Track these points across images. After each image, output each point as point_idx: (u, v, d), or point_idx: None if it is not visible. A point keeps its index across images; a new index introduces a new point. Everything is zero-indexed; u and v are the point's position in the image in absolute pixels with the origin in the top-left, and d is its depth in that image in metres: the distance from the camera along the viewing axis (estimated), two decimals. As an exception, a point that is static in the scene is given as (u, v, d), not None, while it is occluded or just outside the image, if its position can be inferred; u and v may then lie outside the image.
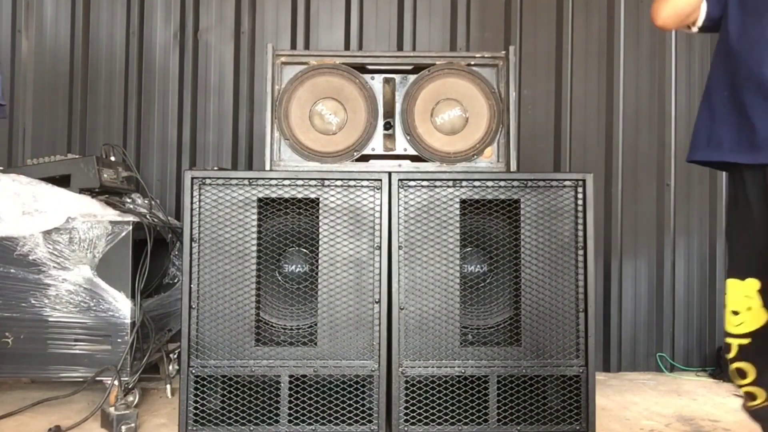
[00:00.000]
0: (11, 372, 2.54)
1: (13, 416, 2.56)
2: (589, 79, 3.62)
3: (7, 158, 3.54)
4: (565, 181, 2.39)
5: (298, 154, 2.58)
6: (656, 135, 3.62)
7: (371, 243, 2.35)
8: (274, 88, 2.60)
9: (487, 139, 2.62)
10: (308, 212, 2.43)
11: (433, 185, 2.37)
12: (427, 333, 2.34)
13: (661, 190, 3.61)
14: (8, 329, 2.51)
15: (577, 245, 2.37)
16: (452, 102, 2.61)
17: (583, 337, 2.35)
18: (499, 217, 2.46)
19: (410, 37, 3.61)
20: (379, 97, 2.62)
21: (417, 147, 2.61)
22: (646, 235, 3.59)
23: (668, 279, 3.59)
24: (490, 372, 2.33)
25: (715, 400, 3.02)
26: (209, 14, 3.61)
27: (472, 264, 2.52)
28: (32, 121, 3.55)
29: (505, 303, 2.48)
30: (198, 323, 2.31)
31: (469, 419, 2.33)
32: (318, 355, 2.32)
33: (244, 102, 3.59)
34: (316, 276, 2.38)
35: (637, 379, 3.42)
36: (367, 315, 2.33)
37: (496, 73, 2.66)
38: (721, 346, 3.54)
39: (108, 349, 2.50)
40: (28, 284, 2.52)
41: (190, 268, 2.31)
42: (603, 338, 3.55)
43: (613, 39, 3.63)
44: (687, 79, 3.65)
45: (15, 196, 2.55)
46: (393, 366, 2.31)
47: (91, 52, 3.57)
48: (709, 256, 3.61)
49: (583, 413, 2.33)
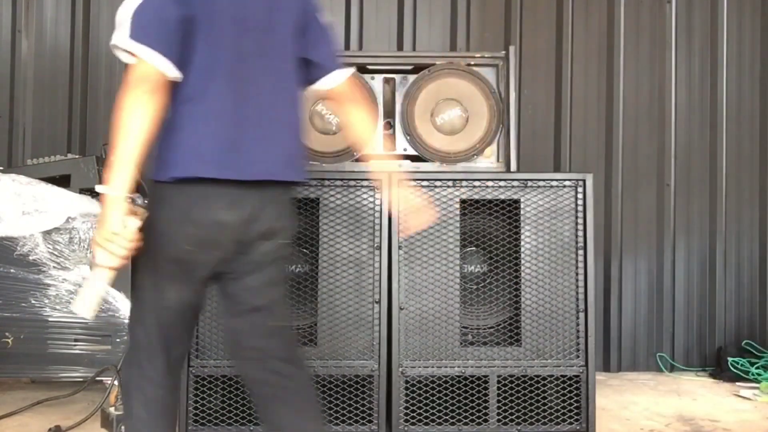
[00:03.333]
0: (11, 372, 2.54)
1: (13, 416, 2.55)
2: (589, 79, 3.62)
3: (7, 158, 3.54)
4: (565, 181, 2.39)
5: (298, 154, 2.58)
6: (656, 135, 3.62)
7: (371, 243, 2.35)
8: (274, 88, 2.59)
9: (487, 139, 2.62)
10: (308, 212, 2.43)
11: (433, 185, 2.37)
12: (427, 333, 2.34)
13: (661, 190, 3.61)
14: (8, 329, 2.51)
15: (577, 245, 2.37)
16: (452, 102, 2.61)
17: (583, 337, 2.35)
18: (499, 217, 2.46)
19: (410, 37, 3.60)
20: (379, 97, 2.62)
21: (417, 147, 2.61)
22: (646, 235, 3.59)
23: (668, 279, 3.59)
24: (490, 372, 2.33)
25: (715, 400, 3.02)
26: (209, 14, 3.60)
27: (472, 264, 2.52)
28: (32, 121, 3.54)
29: (505, 303, 2.48)
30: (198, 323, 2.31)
31: (469, 419, 2.33)
32: (318, 355, 2.32)
33: (244, 102, 3.59)
34: (316, 276, 2.37)
35: (637, 379, 3.42)
36: (367, 315, 2.33)
37: (496, 73, 2.66)
38: (721, 346, 3.55)
39: (108, 349, 2.50)
40: (28, 284, 2.52)
41: (190, 268, 2.30)
42: (603, 338, 3.55)
43: (613, 39, 3.63)
44: (687, 79, 3.65)
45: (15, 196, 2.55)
46: (393, 366, 2.31)
47: (91, 52, 3.56)
48: (709, 256, 3.61)
49: (583, 413, 2.33)
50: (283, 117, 1.57)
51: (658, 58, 3.64)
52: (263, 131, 1.53)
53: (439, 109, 2.61)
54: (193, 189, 1.47)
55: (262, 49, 1.53)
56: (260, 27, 1.53)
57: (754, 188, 3.64)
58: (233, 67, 1.49)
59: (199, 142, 1.47)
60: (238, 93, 1.50)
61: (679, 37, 3.66)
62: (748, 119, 3.65)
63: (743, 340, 3.55)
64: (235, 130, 1.49)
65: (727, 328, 3.59)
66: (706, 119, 3.64)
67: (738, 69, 3.66)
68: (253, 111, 1.52)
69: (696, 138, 3.64)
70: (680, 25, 3.66)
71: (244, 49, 1.50)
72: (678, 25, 3.66)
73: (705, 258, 3.61)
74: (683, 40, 3.66)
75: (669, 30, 3.65)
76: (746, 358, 3.38)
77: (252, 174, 1.49)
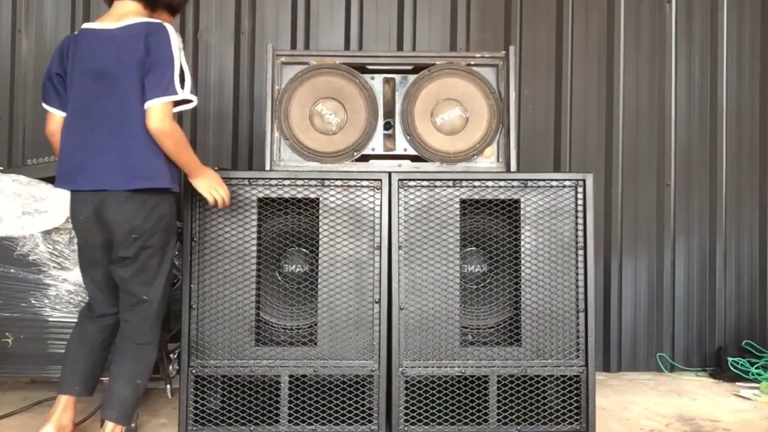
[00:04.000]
0: (11, 372, 2.54)
1: (13, 416, 2.56)
2: (589, 79, 3.62)
3: (7, 158, 3.54)
4: (565, 181, 2.39)
5: (298, 154, 2.58)
6: (656, 135, 3.62)
7: (371, 243, 2.35)
8: (274, 88, 2.60)
9: (487, 139, 2.62)
10: (308, 212, 2.43)
11: (433, 185, 2.37)
12: (427, 333, 2.34)
13: (661, 190, 3.61)
14: (8, 329, 2.51)
15: (577, 245, 2.37)
16: (452, 102, 2.61)
17: (583, 337, 2.35)
18: (499, 217, 2.46)
19: (410, 37, 3.61)
20: (379, 97, 2.62)
21: (417, 147, 2.61)
22: (646, 235, 3.59)
23: (668, 279, 3.59)
24: (490, 372, 2.33)
25: (715, 400, 3.02)
26: (209, 14, 3.60)
27: (472, 264, 2.52)
28: (32, 121, 3.54)
29: (505, 303, 2.48)
30: (198, 323, 2.31)
31: (469, 419, 2.33)
32: (318, 355, 2.32)
33: (244, 102, 3.59)
34: (316, 276, 2.38)
35: (637, 379, 3.42)
36: (367, 315, 2.33)
37: (496, 73, 2.66)
38: (721, 346, 3.55)
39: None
40: (28, 284, 2.52)
41: (190, 268, 2.31)
42: (603, 338, 3.55)
43: (613, 39, 3.63)
44: (687, 79, 3.65)
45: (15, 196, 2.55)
46: (393, 366, 2.31)
47: (91, 52, 3.56)
48: (709, 256, 3.61)
49: (583, 413, 2.33)
50: (122, 140, 1.99)
51: (658, 58, 3.64)
52: (102, 152, 2.00)
53: (439, 109, 2.61)
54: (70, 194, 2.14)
55: (110, 89, 2.00)
56: (107, 71, 2.00)
57: (754, 188, 3.64)
58: (81, 104, 2.03)
59: (60, 162, 2.09)
60: (87, 125, 2.02)
61: (679, 37, 3.66)
62: (748, 119, 3.65)
63: (743, 340, 3.55)
64: (80, 152, 2.02)
65: (727, 328, 3.60)
66: (706, 119, 3.65)
67: (738, 69, 3.66)
68: (95, 136, 2.01)
69: (696, 138, 3.64)
70: (680, 25, 3.66)
71: (89, 90, 2.02)
72: (678, 25, 3.66)
73: (705, 258, 3.61)
74: (683, 40, 3.66)
75: (669, 30, 3.65)
76: (746, 358, 3.38)
77: (90, 186, 2.02)
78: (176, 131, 2.02)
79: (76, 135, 2.04)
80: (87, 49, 2.04)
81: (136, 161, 1.99)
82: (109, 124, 2.00)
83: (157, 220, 2.05)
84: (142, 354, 2.13)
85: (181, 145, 2.04)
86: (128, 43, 2.00)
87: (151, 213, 2.03)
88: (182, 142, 2.05)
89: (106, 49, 2.02)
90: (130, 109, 1.99)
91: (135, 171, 1.99)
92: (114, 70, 2.00)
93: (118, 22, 2.07)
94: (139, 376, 2.12)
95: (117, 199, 2.01)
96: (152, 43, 1.99)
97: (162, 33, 2.01)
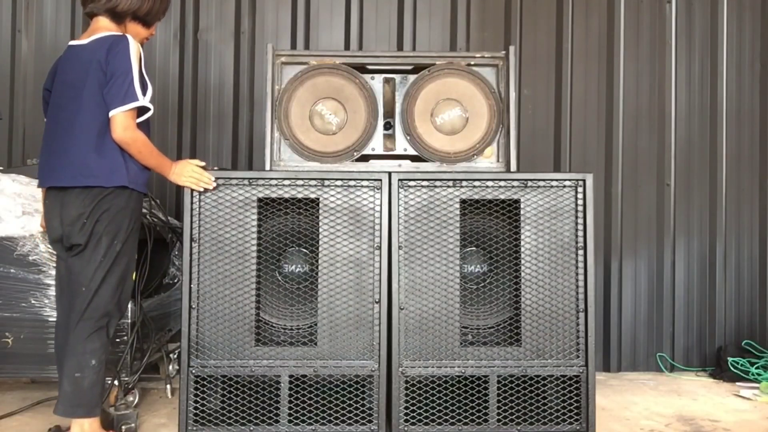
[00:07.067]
0: (11, 372, 2.54)
1: (13, 416, 2.56)
2: (589, 79, 3.62)
3: (7, 158, 3.54)
4: (565, 181, 2.39)
5: (298, 154, 2.58)
6: (656, 135, 3.62)
7: (371, 243, 2.35)
8: (274, 88, 2.60)
9: (487, 139, 2.62)
10: (308, 212, 2.43)
11: (433, 185, 2.37)
12: (427, 333, 2.34)
13: (661, 190, 3.61)
14: (8, 329, 2.51)
15: (577, 245, 2.37)
16: (452, 102, 2.61)
17: (583, 337, 2.35)
18: (499, 217, 2.46)
19: (410, 37, 3.61)
20: (379, 97, 2.62)
21: (417, 147, 2.61)
22: (646, 235, 3.59)
23: (668, 279, 3.59)
24: (490, 372, 2.33)
25: (715, 400, 3.03)
26: (209, 14, 3.61)
27: (472, 264, 2.52)
28: (32, 121, 3.54)
29: (505, 303, 2.48)
30: (198, 323, 2.31)
31: (469, 419, 2.33)
32: (318, 355, 2.32)
33: (244, 102, 3.59)
34: (316, 276, 2.38)
35: (637, 379, 3.42)
36: (367, 315, 2.33)
37: (496, 73, 2.66)
38: (721, 346, 3.55)
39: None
40: (28, 284, 2.52)
41: (190, 268, 2.31)
42: (603, 338, 3.55)
43: (613, 39, 3.63)
44: (687, 79, 3.65)
45: (15, 196, 2.55)
46: (393, 366, 2.31)
47: (91, 52, 3.56)
48: (709, 256, 3.61)
49: (583, 413, 2.33)
50: (73, 141, 2.15)
51: (658, 58, 3.64)
52: (58, 154, 2.17)
53: (439, 109, 2.61)
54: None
55: (74, 97, 2.16)
56: (75, 82, 2.17)
57: (754, 188, 3.64)
58: (53, 111, 2.23)
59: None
60: (53, 129, 2.21)
61: (679, 37, 3.66)
62: (748, 119, 3.65)
63: (743, 340, 3.55)
64: (47, 155, 2.22)
65: (727, 328, 3.60)
66: (706, 119, 3.65)
67: (738, 69, 3.66)
68: (56, 139, 2.19)
69: (696, 138, 3.64)
70: (680, 25, 3.66)
71: (62, 99, 2.20)
72: (678, 25, 3.66)
73: (705, 258, 3.61)
74: (683, 40, 3.66)
75: (669, 30, 3.65)
76: (746, 358, 3.38)
77: (48, 183, 2.21)
78: (138, 139, 2.16)
79: (46, 139, 2.25)
80: (65, 64, 2.24)
81: (83, 161, 2.13)
82: (68, 128, 2.17)
83: (103, 210, 2.15)
84: (77, 348, 2.14)
85: (145, 152, 2.19)
86: (93, 54, 2.16)
87: (98, 204, 2.14)
88: (146, 149, 2.19)
89: (77, 62, 2.20)
90: (86, 114, 2.14)
91: (82, 169, 2.13)
92: (80, 80, 2.17)
93: (90, 36, 2.23)
94: (78, 370, 2.12)
95: (70, 195, 2.15)
96: (111, 54, 2.14)
97: (122, 44, 2.15)
